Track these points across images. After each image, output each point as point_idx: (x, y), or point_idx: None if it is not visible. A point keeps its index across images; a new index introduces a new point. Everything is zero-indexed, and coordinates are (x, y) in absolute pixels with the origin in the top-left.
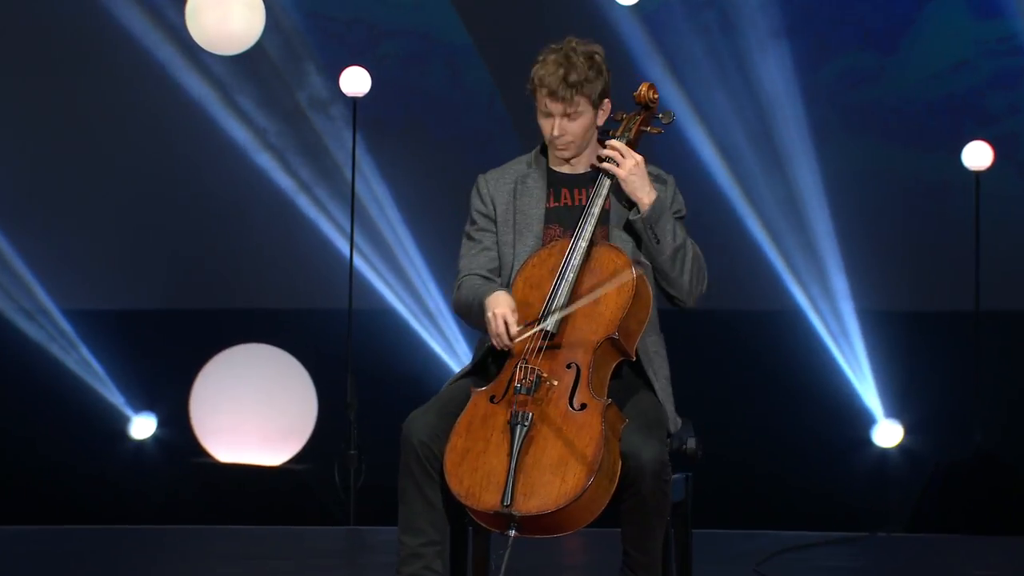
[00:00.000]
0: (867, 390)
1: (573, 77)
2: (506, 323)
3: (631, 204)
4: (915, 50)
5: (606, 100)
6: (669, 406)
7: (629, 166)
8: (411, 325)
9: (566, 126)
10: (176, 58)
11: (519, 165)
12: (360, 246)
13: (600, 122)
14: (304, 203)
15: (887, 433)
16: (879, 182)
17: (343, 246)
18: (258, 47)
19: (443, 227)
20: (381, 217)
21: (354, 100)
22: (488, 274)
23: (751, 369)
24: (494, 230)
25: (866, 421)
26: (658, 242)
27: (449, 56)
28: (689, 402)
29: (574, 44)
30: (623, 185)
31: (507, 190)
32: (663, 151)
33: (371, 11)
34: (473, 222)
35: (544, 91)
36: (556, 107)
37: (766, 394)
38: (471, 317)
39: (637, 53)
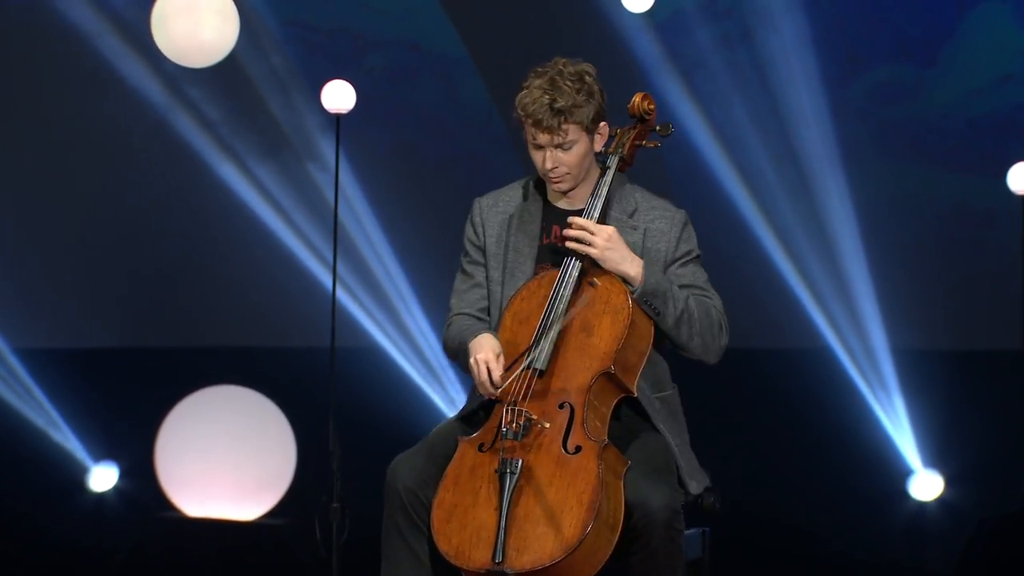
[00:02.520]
0: (903, 437)
1: (560, 103)
2: (489, 369)
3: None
4: (956, 62)
5: (602, 124)
6: (691, 463)
7: (602, 242)
8: (400, 365)
9: (559, 157)
10: (139, 71)
11: (515, 193)
12: (343, 277)
13: (598, 147)
14: (282, 230)
15: (925, 485)
16: (916, 207)
17: (325, 277)
18: (231, 59)
19: (435, 257)
20: (367, 246)
21: (337, 117)
22: (479, 313)
23: (774, 413)
24: (484, 262)
25: (902, 471)
26: (657, 314)
27: (442, 69)
28: (706, 450)
29: (560, 66)
30: (603, 265)
31: (499, 221)
32: (677, 174)
33: (356, 20)
34: (466, 253)
35: (530, 121)
36: (545, 138)
37: (791, 441)
38: (459, 360)
39: (649, 65)
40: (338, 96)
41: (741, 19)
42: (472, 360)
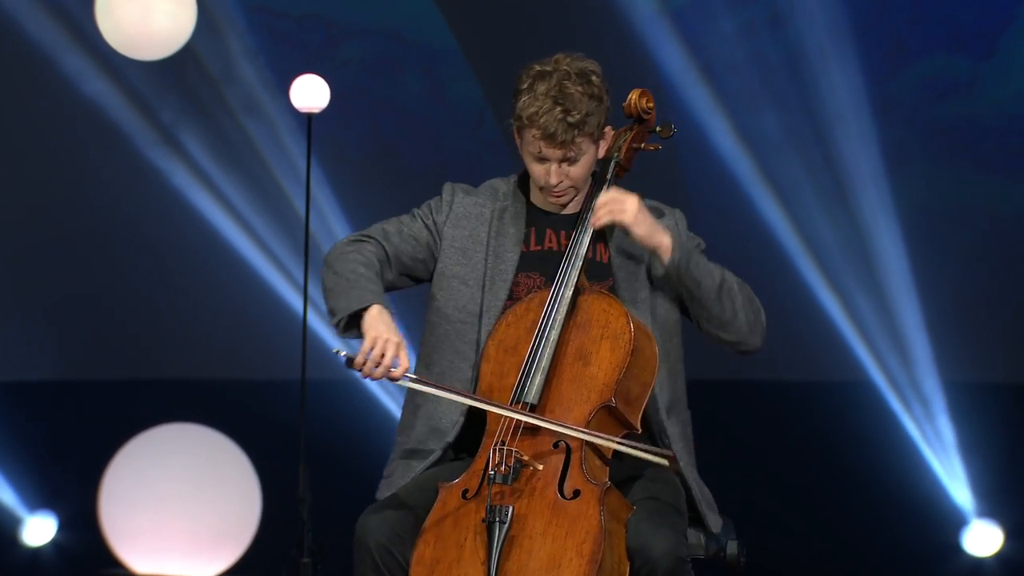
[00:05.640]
0: (956, 482)
1: (574, 116)
2: (383, 356)
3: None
4: (1016, 53)
5: (607, 129)
6: (707, 494)
7: (634, 209)
8: (379, 400)
9: (567, 171)
10: (83, 64)
11: (491, 193)
12: (316, 300)
13: (601, 154)
14: (245, 246)
15: (982, 537)
16: (971, 220)
17: (294, 300)
18: (187, 50)
19: None
20: None
21: (308, 116)
22: (395, 264)
23: (809, 454)
24: (432, 232)
25: (955, 522)
26: (698, 286)
27: (428, 62)
28: (730, 495)
29: (565, 66)
30: (634, 233)
31: (477, 214)
32: (697, 183)
33: (329, 5)
34: (419, 208)
35: (537, 133)
36: (554, 153)
37: (827, 486)
38: (334, 278)
39: (664, 59)
40: (309, 92)
41: (769, 5)
42: (386, 336)
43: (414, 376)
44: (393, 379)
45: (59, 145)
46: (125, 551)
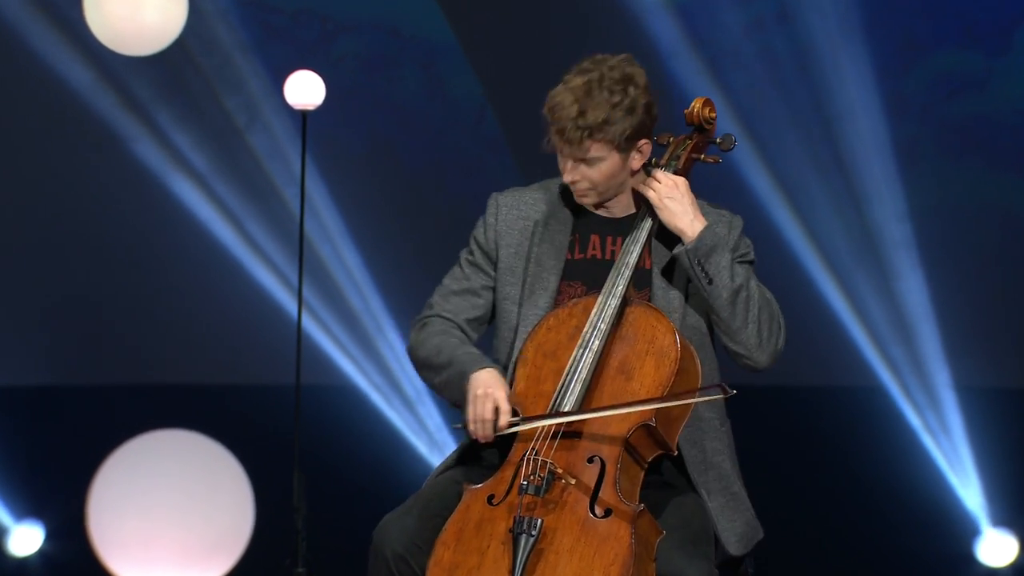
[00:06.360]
0: (969, 490)
1: (588, 119)
2: (497, 410)
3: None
4: None
5: (642, 141)
6: (744, 515)
7: (664, 189)
8: (376, 405)
9: (582, 171)
10: (69, 58)
11: (540, 195)
12: (310, 303)
13: (636, 166)
14: (238, 247)
15: (996, 547)
16: (985, 220)
17: (289, 303)
18: (178, 46)
19: (418, 278)
20: (338, 265)
21: (303, 114)
22: (464, 324)
23: (818, 461)
24: (490, 273)
25: (968, 531)
26: (710, 282)
27: (426, 58)
28: None
29: (606, 68)
30: (659, 214)
31: (520, 228)
32: (701, 182)
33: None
34: (471, 252)
35: (553, 128)
36: (564, 149)
37: (837, 494)
38: (432, 374)
39: (669, 54)
40: (304, 89)
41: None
42: (479, 391)
43: (516, 420)
44: (503, 432)
45: (45, 143)
46: (114, 561)
